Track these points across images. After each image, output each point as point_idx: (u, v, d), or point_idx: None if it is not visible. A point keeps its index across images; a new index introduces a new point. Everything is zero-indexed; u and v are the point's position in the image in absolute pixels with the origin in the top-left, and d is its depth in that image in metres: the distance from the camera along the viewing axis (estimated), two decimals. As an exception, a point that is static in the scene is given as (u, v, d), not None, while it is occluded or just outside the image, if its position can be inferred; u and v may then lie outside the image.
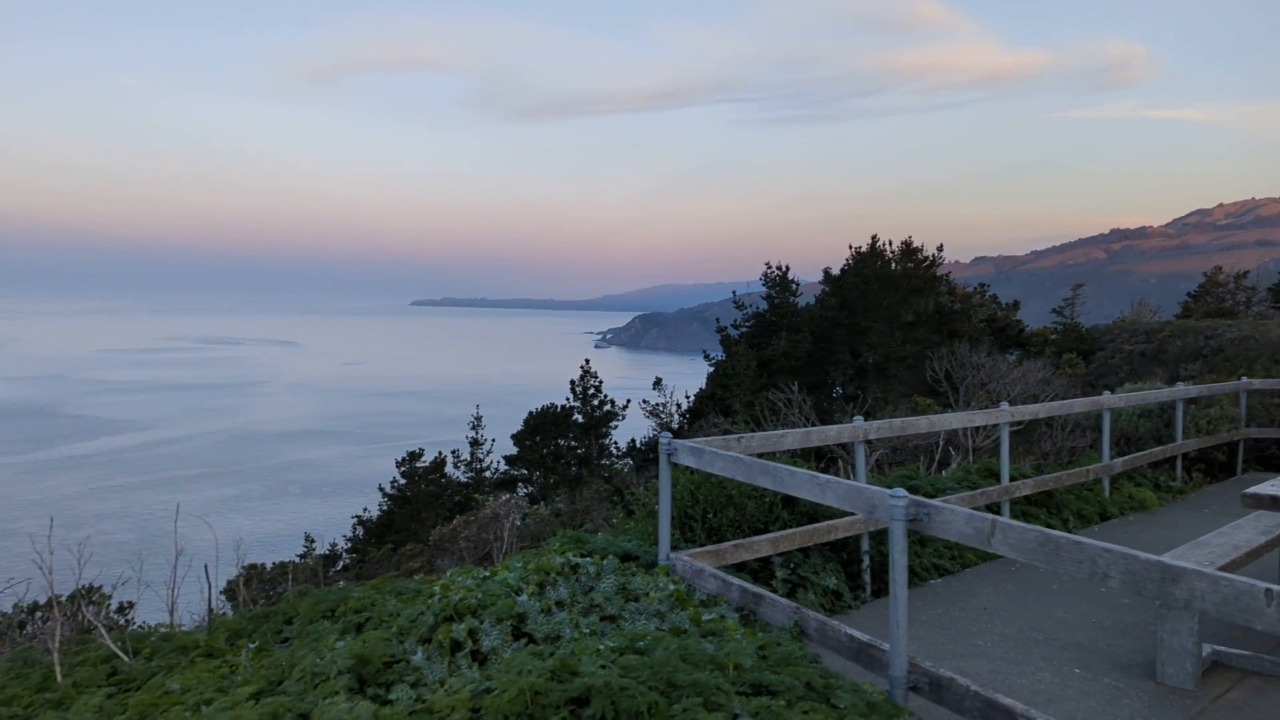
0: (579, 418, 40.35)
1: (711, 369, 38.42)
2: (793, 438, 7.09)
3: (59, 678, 5.27)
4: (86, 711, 4.46)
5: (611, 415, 40.92)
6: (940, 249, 40.31)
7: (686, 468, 6.79)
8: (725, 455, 5.81)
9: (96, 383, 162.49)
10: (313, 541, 33.55)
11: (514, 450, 39.07)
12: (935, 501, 4.38)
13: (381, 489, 35.53)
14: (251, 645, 5.36)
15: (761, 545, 6.62)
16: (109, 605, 10.51)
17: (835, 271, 40.28)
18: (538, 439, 39.57)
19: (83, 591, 10.87)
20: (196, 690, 4.55)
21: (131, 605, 10.95)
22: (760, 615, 5.48)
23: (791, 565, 7.21)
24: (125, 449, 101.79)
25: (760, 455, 6.68)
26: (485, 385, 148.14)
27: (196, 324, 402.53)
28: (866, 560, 7.67)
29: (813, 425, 13.28)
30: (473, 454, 40.38)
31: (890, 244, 39.76)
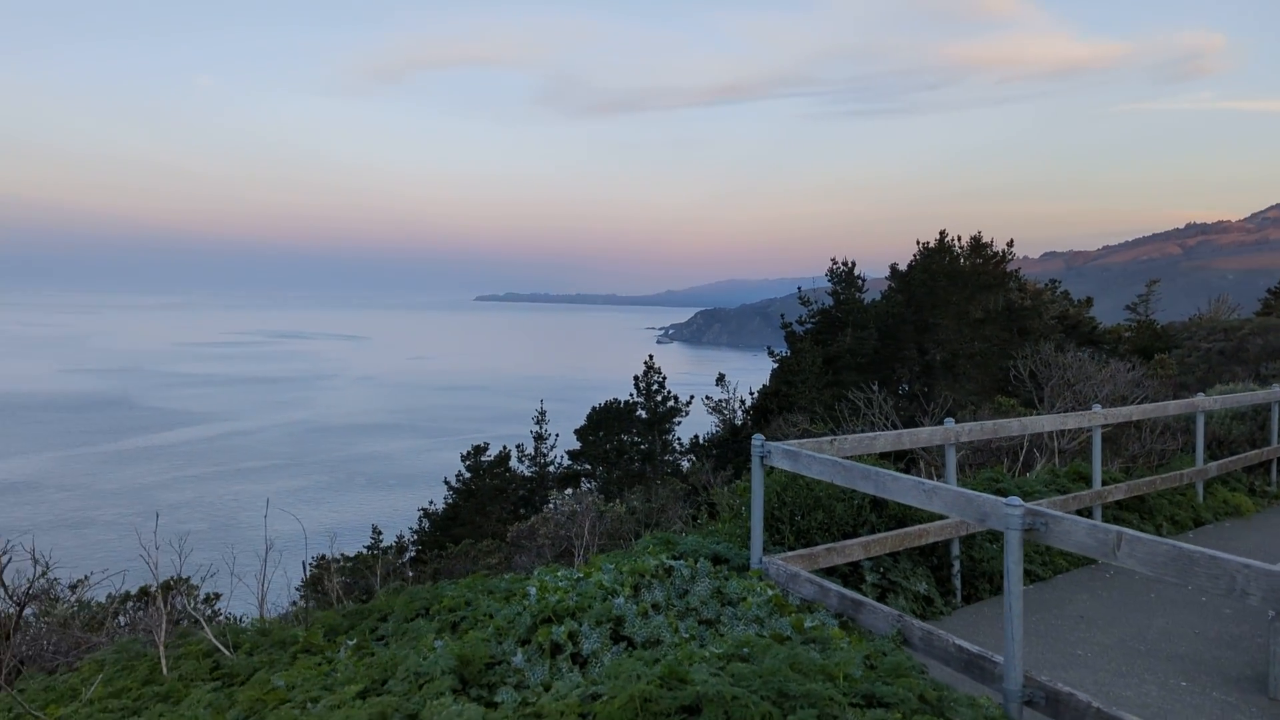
0: (642, 413, 40.33)
1: (776, 365, 38.14)
2: (885, 440, 6.95)
3: (165, 670, 5.38)
4: (198, 706, 4.53)
5: (675, 411, 40.83)
6: (1010, 245, 39.49)
7: (770, 468, 6.69)
8: (823, 459, 5.70)
9: (172, 375, 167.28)
10: (380, 533, 34.09)
11: (577, 445, 39.20)
12: (1053, 511, 4.24)
13: (447, 482, 35.93)
14: (350, 642, 5.41)
15: (853, 549, 6.50)
16: (197, 596, 10.74)
17: (902, 267, 39.71)
18: (601, 434, 39.64)
19: (172, 582, 11.15)
20: (302, 687, 4.60)
21: (218, 596, 11.20)
22: (860, 622, 5.38)
23: (881, 569, 7.08)
24: (198, 440, 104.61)
25: (851, 457, 6.57)
26: (548, 380, 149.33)
27: (267, 318, 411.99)
28: (957, 565, 7.50)
29: (892, 425, 13.07)
30: (536, 448, 40.61)
31: (959, 239, 39.04)
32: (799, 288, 42.97)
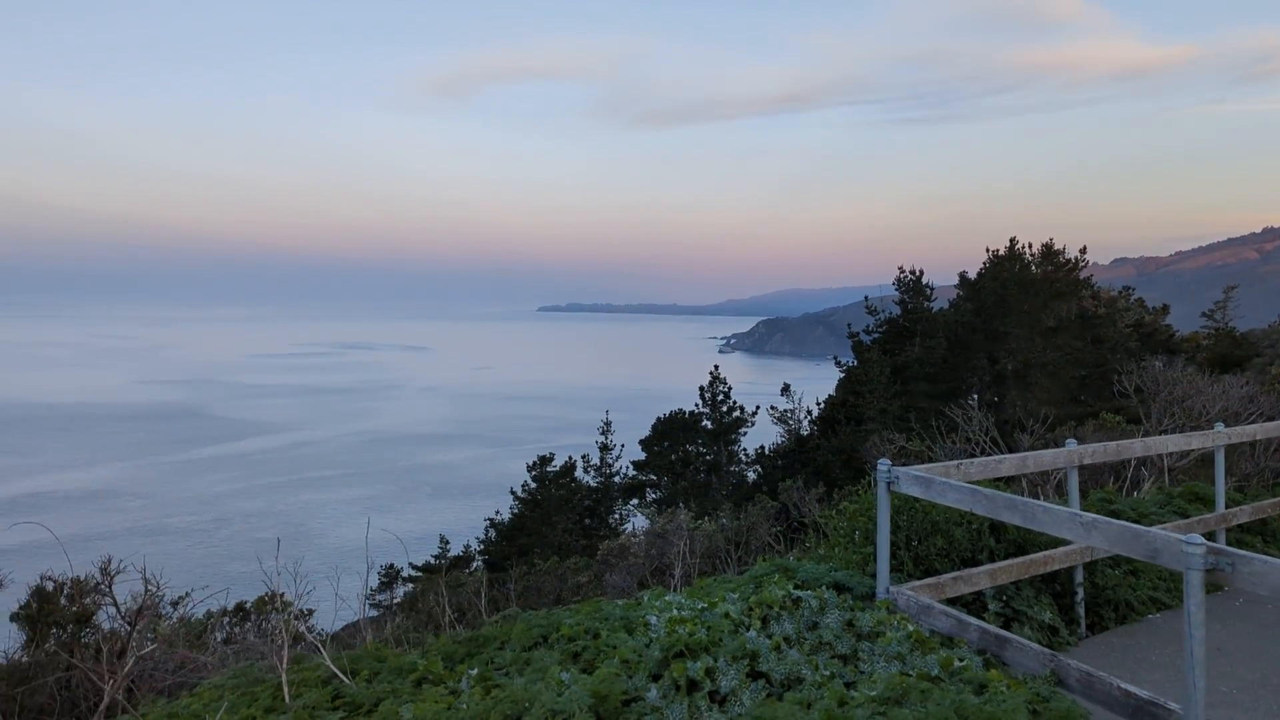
0: (708, 424, 39.99)
1: (842, 375, 37.56)
2: (1010, 464, 6.65)
3: (287, 699, 5.32)
4: (331, 740, 4.44)
5: (740, 422, 40.44)
6: (1083, 251, 38.52)
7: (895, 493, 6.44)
8: (959, 486, 5.44)
9: (243, 386, 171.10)
10: (447, 543, 34.29)
11: (642, 455, 38.97)
12: (1239, 550, 3.95)
13: (513, 492, 36.01)
14: (471, 672, 5.29)
15: (980, 578, 6.22)
16: (290, 613, 10.74)
17: (971, 275, 38.91)
18: (666, 445, 39.40)
19: (267, 599, 11.18)
20: (434, 722, 4.48)
21: (311, 612, 11.20)
22: (1003, 659, 5.11)
23: (1004, 598, 6.78)
24: (268, 450, 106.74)
25: (975, 482, 6.31)
26: (612, 390, 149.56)
27: (334, 330, 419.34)
28: (1080, 593, 7.16)
29: (993, 443, 12.69)
30: (602, 459, 40.50)
31: (1029, 246, 38.14)
32: (865, 297, 42.40)
